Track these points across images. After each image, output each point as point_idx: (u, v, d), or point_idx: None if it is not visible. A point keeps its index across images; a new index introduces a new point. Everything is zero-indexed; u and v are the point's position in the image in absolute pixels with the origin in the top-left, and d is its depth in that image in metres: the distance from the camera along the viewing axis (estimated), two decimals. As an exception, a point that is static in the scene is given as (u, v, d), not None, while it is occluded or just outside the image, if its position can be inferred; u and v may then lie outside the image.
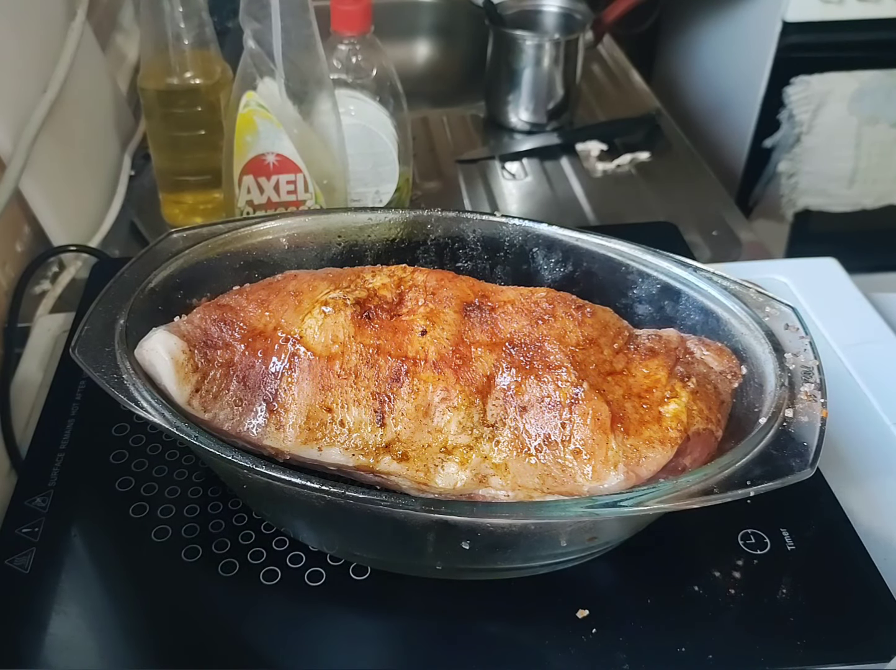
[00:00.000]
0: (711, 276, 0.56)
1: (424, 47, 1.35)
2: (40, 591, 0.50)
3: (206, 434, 0.46)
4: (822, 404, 0.47)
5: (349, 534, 0.50)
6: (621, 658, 0.46)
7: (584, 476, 0.46)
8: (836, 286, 0.78)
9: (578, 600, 0.49)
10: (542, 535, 0.47)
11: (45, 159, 0.78)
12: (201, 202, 0.89)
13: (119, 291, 0.54)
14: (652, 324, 0.56)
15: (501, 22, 1.10)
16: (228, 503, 0.54)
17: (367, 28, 0.82)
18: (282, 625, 0.48)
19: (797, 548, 0.52)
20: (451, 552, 0.47)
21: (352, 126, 0.79)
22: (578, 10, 1.12)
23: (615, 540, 0.51)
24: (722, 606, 0.49)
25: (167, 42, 0.81)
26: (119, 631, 0.49)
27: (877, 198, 1.46)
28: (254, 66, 0.72)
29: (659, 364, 0.49)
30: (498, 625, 0.49)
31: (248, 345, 0.50)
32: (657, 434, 0.46)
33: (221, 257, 0.59)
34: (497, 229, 0.62)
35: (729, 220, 0.94)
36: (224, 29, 1.08)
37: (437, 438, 0.47)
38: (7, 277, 0.76)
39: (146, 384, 0.48)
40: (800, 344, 0.51)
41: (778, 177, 1.46)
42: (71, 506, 0.55)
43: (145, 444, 0.58)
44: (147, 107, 0.85)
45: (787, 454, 0.44)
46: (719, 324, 0.54)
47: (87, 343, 0.50)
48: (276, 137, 0.74)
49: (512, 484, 0.47)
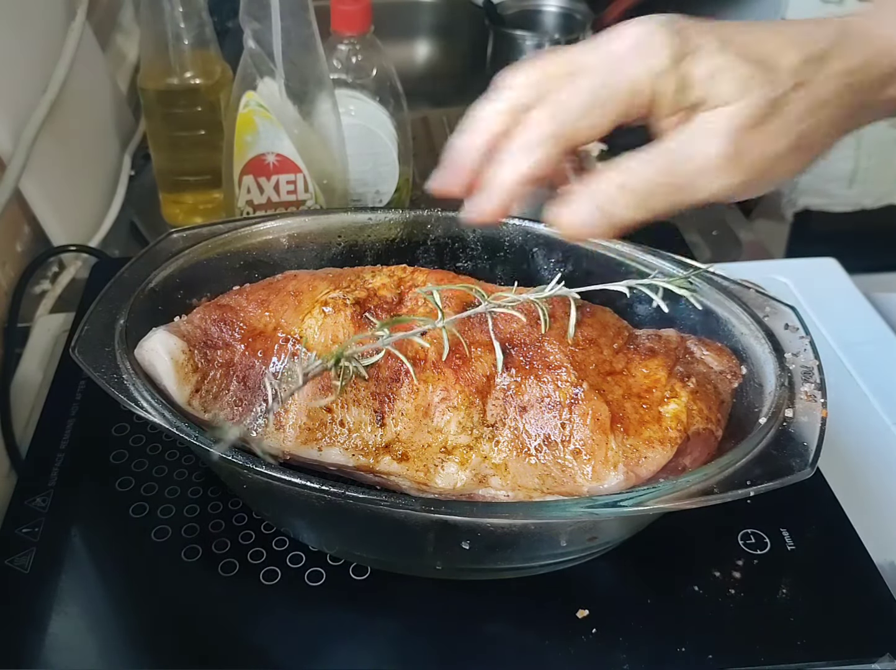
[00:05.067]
0: (712, 276, 0.56)
1: (424, 47, 1.35)
2: (40, 591, 0.50)
3: (206, 434, 0.46)
4: (822, 404, 0.47)
5: (349, 534, 0.50)
6: (621, 658, 0.46)
7: (584, 476, 0.46)
8: (836, 286, 0.78)
9: (578, 600, 0.49)
10: (542, 535, 0.47)
11: (45, 159, 0.78)
12: (201, 202, 0.89)
13: (119, 291, 0.54)
14: (652, 324, 0.56)
15: (501, 22, 1.10)
16: (228, 503, 0.54)
17: (367, 28, 0.82)
18: (282, 625, 0.48)
19: (797, 548, 0.52)
20: (451, 552, 0.47)
21: (352, 126, 0.79)
22: (578, 10, 1.12)
23: (615, 540, 0.51)
24: (722, 606, 0.49)
25: (167, 42, 0.81)
26: (119, 631, 0.49)
27: (877, 198, 1.46)
28: (254, 66, 0.72)
29: (659, 364, 0.49)
30: (498, 625, 0.49)
31: (248, 345, 0.50)
32: (657, 434, 0.46)
33: (221, 257, 0.59)
34: (497, 229, 0.62)
35: (729, 220, 0.94)
36: (224, 29, 1.08)
37: (436, 438, 0.47)
38: (7, 277, 0.76)
39: (146, 384, 0.48)
40: (800, 344, 0.51)
41: (778, 177, 1.45)
42: (71, 506, 0.55)
43: (145, 444, 0.58)
44: (147, 107, 0.85)
45: (787, 454, 0.44)
46: (719, 324, 0.54)
47: (87, 343, 0.50)
48: (276, 137, 0.74)
49: (512, 484, 0.47)
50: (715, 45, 0.38)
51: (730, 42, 0.38)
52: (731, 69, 0.38)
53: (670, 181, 0.39)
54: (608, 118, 0.39)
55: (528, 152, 0.40)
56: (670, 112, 0.39)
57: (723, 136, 0.38)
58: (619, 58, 0.39)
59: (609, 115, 0.39)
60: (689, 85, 0.38)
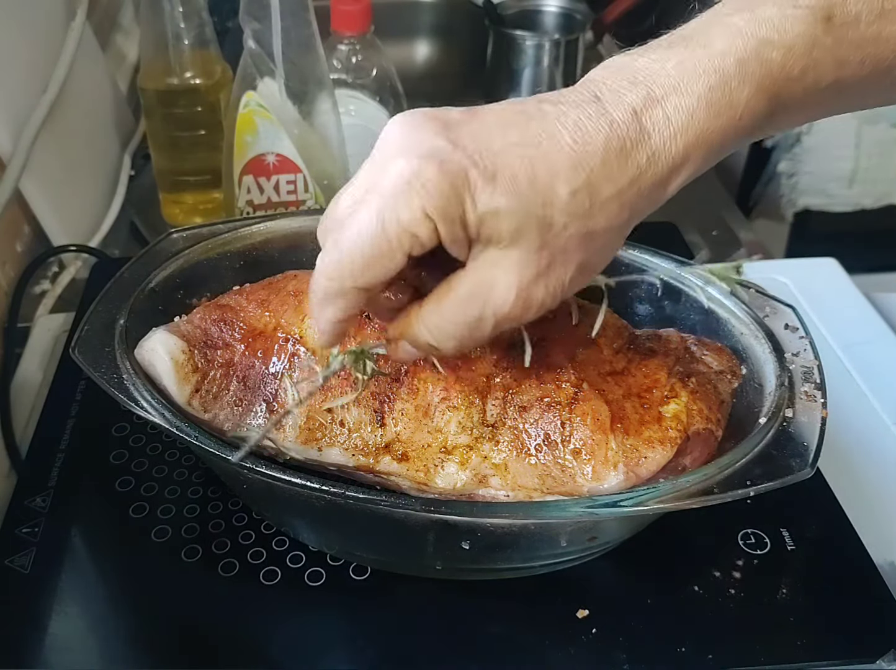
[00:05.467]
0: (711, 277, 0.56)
1: (424, 47, 1.34)
2: (40, 591, 0.50)
3: (206, 434, 0.46)
4: (822, 404, 0.47)
5: (349, 534, 0.50)
6: (621, 658, 0.46)
7: (584, 476, 0.46)
8: (836, 286, 0.78)
9: (578, 600, 0.49)
10: (542, 535, 0.47)
11: (45, 159, 0.78)
12: (201, 202, 0.89)
13: (119, 291, 0.54)
14: (652, 324, 0.56)
15: (501, 22, 1.10)
16: (228, 503, 0.54)
17: (367, 28, 0.82)
18: (282, 625, 0.48)
19: (797, 548, 0.52)
20: (450, 552, 0.47)
21: (352, 126, 0.79)
22: (578, 10, 1.12)
23: (615, 540, 0.51)
24: (722, 606, 0.49)
25: (167, 42, 0.81)
26: (119, 631, 0.49)
27: (877, 198, 1.46)
28: (254, 66, 0.72)
29: (659, 364, 0.49)
30: (498, 625, 0.49)
31: (248, 345, 0.50)
32: (657, 434, 0.46)
33: (221, 257, 0.59)
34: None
35: (729, 220, 0.94)
36: (224, 29, 1.08)
37: (436, 438, 0.47)
38: (7, 277, 0.76)
39: (146, 384, 0.48)
40: (800, 344, 0.51)
41: (778, 177, 1.46)
42: (71, 506, 0.55)
43: (145, 444, 0.58)
44: (147, 107, 0.85)
45: (787, 454, 0.44)
46: (719, 324, 0.54)
47: (87, 343, 0.50)
48: (276, 137, 0.74)
49: (512, 484, 0.47)
50: (488, 177, 0.36)
51: (502, 172, 0.36)
52: (507, 212, 0.36)
53: (469, 320, 0.39)
54: (394, 265, 0.38)
55: (324, 307, 0.40)
56: (456, 246, 0.38)
57: (508, 281, 0.38)
58: (390, 206, 0.36)
59: (392, 265, 0.37)
60: (468, 225, 0.37)
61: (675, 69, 0.37)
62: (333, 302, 0.39)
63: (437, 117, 0.37)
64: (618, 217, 0.38)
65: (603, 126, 0.37)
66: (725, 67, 0.37)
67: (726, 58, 0.37)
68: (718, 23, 0.38)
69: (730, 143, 0.39)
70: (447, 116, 0.37)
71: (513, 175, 0.36)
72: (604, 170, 0.37)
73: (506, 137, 0.37)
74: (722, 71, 0.37)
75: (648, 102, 0.37)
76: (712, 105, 0.37)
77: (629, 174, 0.37)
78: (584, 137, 0.37)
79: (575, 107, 0.37)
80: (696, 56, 0.37)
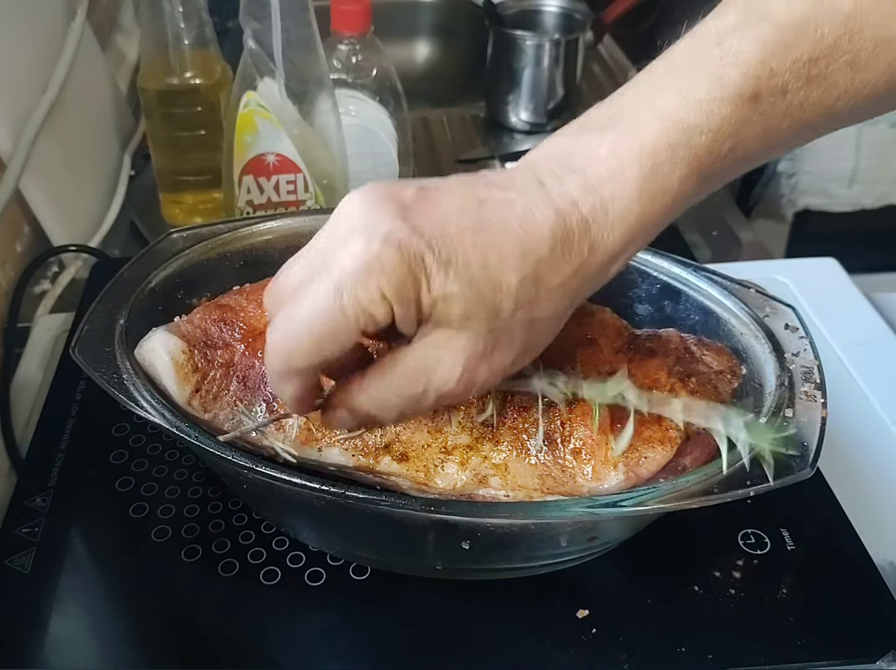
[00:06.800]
0: (711, 276, 0.56)
1: (424, 47, 1.35)
2: (40, 591, 0.50)
3: (206, 434, 0.46)
4: (822, 404, 0.47)
5: (349, 534, 0.50)
6: (621, 658, 0.46)
7: (584, 476, 0.46)
8: (836, 286, 0.78)
9: (578, 600, 0.49)
10: (542, 535, 0.47)
11: (45, 159, 0.78)
12: (201, 202, 0.89)
13: (119, 291, 0.54)
14: (652, 324, 0.56)
15: (501, 22, 1.10)
16: (228, 503, 0.54)
17: (367, 28, 0.82)
18: (282, 625, 0.48)
19: (797, 548, 0.52)
20: (451, 552, 0.47)
21: (352, 126, 0.79)
22: (578, 10, 1.12)
23: (615, 540, 0.51)
24: (722, 606, 0.49)
25: (167, 42, 0.81)
26: (119, 631, 0.49)
27: (877, 198, 1.46)
28: (254, 66, 0.72)
29: (659, 364, 0.49)
30: (498, 625, 0.48)
31: (248, 345, 0.50)
32: (657, 434, 0.46)
33: (221, 257, 0.59)
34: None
35: (729, 220, 0.94)
36: (224, 29, 1.08)
37: (436, 438, 0.47)
38: (7, 277, 0.76)
39: (146, 384, 0.48)
40: (800, 344, 0.51)
41: (778, 177, 1.46)
42: (71, 506, 0.55)
43: (145, 444, 0.58)
44: (147, 107, 0.85)
45: (787, 454, 0.44)
46: (719, 324, 0.54)
47: (87, 343, 0.50)
48: (276, 137, 0.74)
49: (512, 484, 0.46)
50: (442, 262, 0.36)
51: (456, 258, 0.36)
52: (459, 297, 0.37)
53: (412, 394, 0.39)
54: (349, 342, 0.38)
55: (283, 387, 0.40)
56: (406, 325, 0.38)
57: (454, 361, 0.38)
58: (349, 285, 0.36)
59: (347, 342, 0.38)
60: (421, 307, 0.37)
61: (608, 155, 0.38)
62: (290, 381, 0.40)
63: (394, 197, 0.37)
64: (561, 304, 0.39)
65: (549, 215, 0.37)
66: (657, 153, 0.38)
67: (658, 143, 0.38)
68: (650, 105, 0.38)
69: (664, 223, 0.40)
70: (403, 196, 0.38)
71: (466, 262, 0.37)
72: (551, 260, 0.38)
73: (460, 223, 0.37)
74: (654, 157, 0.38)
75: (586, 191, 0.38)
76: (645, 192, 0.38)
77: (573, 264, 0.38)
78: (532, 226, 0.37)
79: (521, 193, 0.38)
80: (628, 142, 0.38)
